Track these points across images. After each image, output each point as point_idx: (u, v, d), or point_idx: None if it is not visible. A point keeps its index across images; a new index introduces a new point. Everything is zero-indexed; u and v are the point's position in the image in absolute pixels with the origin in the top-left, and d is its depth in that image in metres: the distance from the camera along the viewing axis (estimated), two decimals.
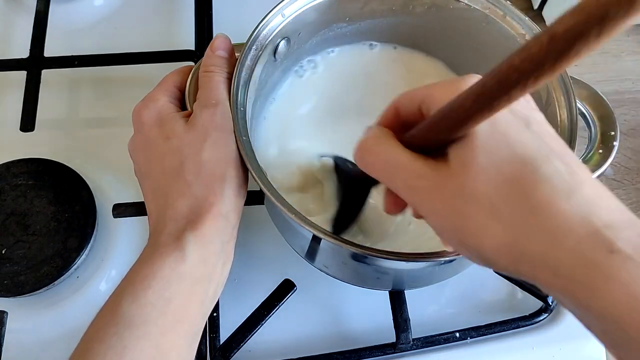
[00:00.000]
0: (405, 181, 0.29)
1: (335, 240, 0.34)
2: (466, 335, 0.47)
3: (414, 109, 0.30)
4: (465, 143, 0.27)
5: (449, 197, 0.27)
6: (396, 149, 0.29)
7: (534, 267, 0.26)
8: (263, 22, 0.40)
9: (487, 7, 0.42)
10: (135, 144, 0.39)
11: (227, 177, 0.36)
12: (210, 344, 0.45)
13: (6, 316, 0.44)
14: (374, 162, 0.30)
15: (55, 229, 0.47)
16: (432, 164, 0.28)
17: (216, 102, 0.37)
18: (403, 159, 0.29)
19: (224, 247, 0.36)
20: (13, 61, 0.54)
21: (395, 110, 0.31)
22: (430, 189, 0.28)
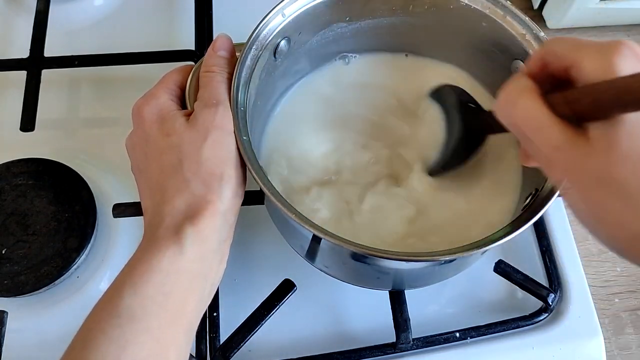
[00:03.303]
0: (541, 147, 0.28)
1: (336, 240, 0.34)
2: (466, 335, 0.47)
3: (561, 68, 0.29)
4: (611, 125, 0.26)
5: (586, 179, 0.27)
6: (539, 107, 0.28)
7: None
8: (263, 22, 0.40)
9: (487, 7, 0.42)
10: (134, 140, 0.39)
11: (226, 177, 0.36)
12: (210, 344, 0.45)
13: (6, 316, 0.44)
14: (514, 116, 0.30)
15: (55, 229, 0.47)
16: (573, 136, 0.27)
17: (217, 102, 0.37)
18: (545, 121, 0.28)
19: (220, 245, 0.36)
20: (13, 61, 0.54)
21: (542, 61, 0.30)
22: (566, 164, 0.27)
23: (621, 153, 0.25)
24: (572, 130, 0.27)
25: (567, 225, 0.52)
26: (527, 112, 0.29)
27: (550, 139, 0.27)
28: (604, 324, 0.50)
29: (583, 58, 0.27)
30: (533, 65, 0.31)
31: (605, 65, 0.26)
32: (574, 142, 0.27)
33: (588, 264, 0.52)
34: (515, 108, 0.29)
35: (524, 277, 0.48)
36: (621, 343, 0.57)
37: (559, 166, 0.28)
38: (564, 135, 0.27)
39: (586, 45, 0.28)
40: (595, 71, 0.26)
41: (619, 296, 0.58)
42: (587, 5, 0.64)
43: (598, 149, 0.26)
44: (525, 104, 0.29)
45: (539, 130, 0.28)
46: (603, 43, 0.27)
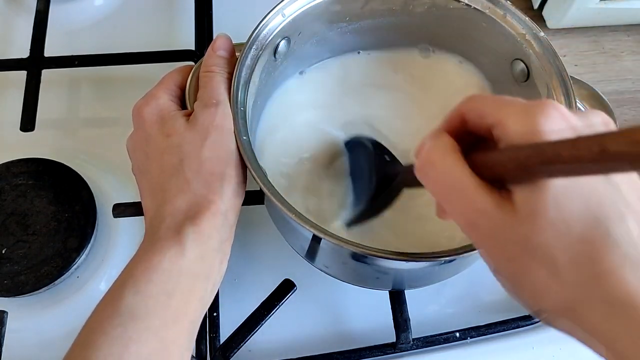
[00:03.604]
0: (464, 212, 0.27)
1: (336, 240, 0.34)
2: (466, 335, 0.47)
3: (483, 127, 0.27)
4: (537, 189, 0.24)
5: (510, 246, 0.26)
6: (462, 170, 0.27)
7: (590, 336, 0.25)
8: (263, 22, 0.40)
9: (487, 7, 0.42)
10: (134, 141, 0.39)
11: (227, 176, 0.36)
12: (210, 344, 0.45)
13: (6, 316, 0.44)
14: (435, 178, 0.28)
15: (55, 229, 0.47)
16: (497, 199, 0.26)
17: (217, 102, 0.37)
18: (468, 184, 0.26)
19: (221, 245, 0.36)
20: (13, 61, 0.54)
21: (461, 118, 0.29)
22: (491, 230, 0.26)
23: (547, 220, 0.24)
24: (496, 194, 0.26)
25: None
26: (449, 174, 0.27)
27: (474, 203, 0.26)
28: None
29: (507, 117, 0.26)
30: (452, 121, 0.29)
31: (531, 126, 0.25)
32: (498, 207, 0.26)
33: None
34: (435, 170, 0.28)
35: None
36: None
37: (482, 231, 0.27)
38: (488, 199, 0.26)
39: (511, 104, 0.26)
40: (520, 132, 0.25)
41: None
42: (587, 5, 0.64)
43: (523, 215, 0.25)
44: (446, 166, 0.27)
45: (462, 194, 0.27)
46: (528, 103, 0.26)
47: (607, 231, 0.24)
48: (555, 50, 0.40)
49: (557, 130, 0.24)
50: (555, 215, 0.24)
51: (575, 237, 0.24)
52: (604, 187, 0.24)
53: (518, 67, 0.42)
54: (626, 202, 0.24)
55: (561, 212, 0.24)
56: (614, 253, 0.24)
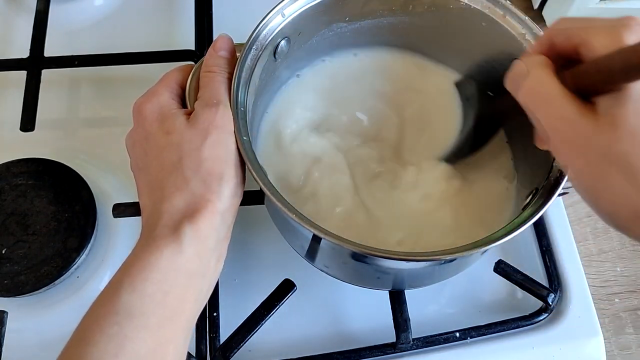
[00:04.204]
0: (550, 117, 0.28)
1: (336, 240, 0.34)
2: (466, 335, 0.47)
3: (570, 47, 0.29)
4: (619, 99, 0.26)
5: (592, 154, 0.27)
6: (551, 80, 0.29)
7: None
8: (263, 22, 0.40)
9: (487, 7, 0.42)
10: (134, 138, 0.39)
11: (226, 176, 0.36)
12: (210, 344, 0.45)
13: (6, 316, 0.44)
14: (524, 86, 0.30)
15: (55, 229, 0.47)
16: (581, 109, 0.27)
17: (217, 102, 0.37)
18: (555, 93, 0.28)
19: (218, 245, 0.36)
20: (13, 61, 0.54)
21: (550, 41, 0.30)
22: (573, 137, 0.27)
23: (627, 130, 0.25)
24: (581, 103, 0.28)
25: (567, 225, 0.52)
26: (538, 83, 0.29)
27: (559, 111, 0.28)
28: (604, 324, 0.50)
29: (592, 35, 0.27)
30: (541, 44, 0.31)
31: (615, 40, 0.26)
32: (582, 115, 0.27)
33: (588, 264, 0.52)
34: (527, 79, 0.30)
35: (524, 277, 0.48)
36: (621, 343, 0.57)
37: (565, 138, 0.28)
38: (573, 107, 0.27)
39: (595, 23, 0.28)
40: (605, 47, 0.26)
41: (619, 296, 0.58)
42: (587, 5, 0.64)
43: (605, 124, 0.26)
44: (536, 76, 0.29)
45: (549, 102, 0.28)
46: (612, 20, 0.28)
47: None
48: None
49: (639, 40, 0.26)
50: (636, 125, 0.25)
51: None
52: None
53: None
54: None
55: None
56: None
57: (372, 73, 0.49)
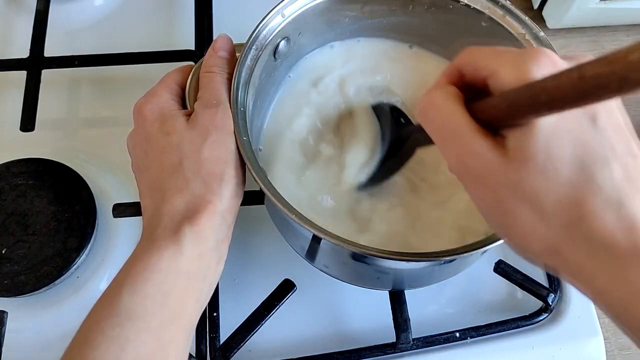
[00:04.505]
0: (458, 152, 0.28)
1: (336, 240, 0.34)
2: (466, 335, 0.47)
3: (479, 78, 0.29)
4: (528, 134, 0.25)
5: (501, 189, 0.27)
6: (461, 113, 0.28)
7: (573, 274, 0.26)
8: (263, 22, 0.40)
9: (487, 7, 0.42)
10: (134, 139, 0.39)
11: (226, 177, 0.36)
12: (210, 344, 0.45)
13: (6, 316, 0.44)
14: (434, 119, 0.29)
15: (55, 229, 0.47)
16: (490, 143, 0.27)
17: (217, 102, 0.37)
18: (464, 127, 0.28)
19: (218, 245, 0.36)
20: (13, 61, 0.54)
21: (459, 72, 0.30)
22: (483, 173, 0.27)
23: (536, 165, 0.25)
24: (490, 138, 0.27)
25: None
26: (448, 115, 0.28)
27: (469, 145, 0.27)
28: (604, 324, 0.50)
29: (500, 67, 0.27)
30: (450, 75, 0.30)
31: (522, 73, 0.26)
32: (491, 150, 0.27)
33: None
34: (436, 111, 0.29)
35: (524, 277, 0.48)
36: (621, 343, 0.57)
37: (474, 173, 0.28)
38: (482, 142, 0.27)
39: (503, 54, 0.28)
40: (512, 79, 0.26)
41: None
42: (587, 5, 0.64)
43: (515, 158, 0.26)
44: (445, 107, 0.29)
45: (458, 136, 0.28)
46: (520, 51, 0.27)
47: (592, 176, 0.25)
48: (555, 50, 0.40)
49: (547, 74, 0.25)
50: (544, 159, 0.25)
51: (562, 182, 0.25)
52: (590, 133, 0.25)
53: None
54: (611, 146, 0.25)
55: (550, 156, 0.25)
56: (595, 196, 0.25)
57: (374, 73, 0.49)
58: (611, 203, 0.25)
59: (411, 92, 0.48)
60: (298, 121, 0.46)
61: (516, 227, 0.27)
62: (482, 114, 0.28)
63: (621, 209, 0.25)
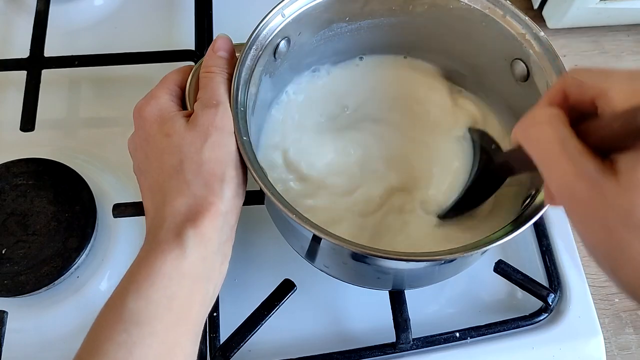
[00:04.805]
0: (562, 174, 0.26)
1: (336, 240, 0.34)
2: (466, 335, 0.47)
3: (586, 99, 0.27)
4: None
5: (609, 218, 0.24)
6: (566, 132, 0.26)
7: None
8: (263, 22, 0.40)
9: (487, 7, 0.42)
10: (135, 141, 0.39)
11: (227, 178, 0.36)
12: (210, 344, 0.45)
13: (6, 316, 0.44)
14: (537, 138, 0.27)
15: (55, 229, 0.47)
16: (599, 167, 0.25)
17: (217, 103, 0.37)
18: (571, 146, 0.25)
19: (221, 246, 0.36)
20: (13, 61, 0.54)
21: (563, 93, 0.28)
22: (590, 199, 0.25)
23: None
24: (599, 161, 0.25)
25: (567, 226, 0.52)
26: (553, 135, 0.26)
27: (575, 166, 0.25)
28: (604, 324, 0.50)
29: (611, 86, 0.25)
30: (553, 96, 0.29)
31: (635, 92, 0.24)
32: (600, 173, 0.25)
33: (588, 264, 0.52)
34: (540, 131, 0.27)
35: (524, 277, 0.48)
36: (621, 343, 0.57)
37: (580, 199, 0.25)
38: (590, 164, 0.25)
39: (614, 74, 0.26)
40: (624, 99, 0.24)
41: (618, 296, 0.58)
42: (587, 5, 0.64)
43: (627, 184, 0.24)
44: (550, 127, 0.27)
45: (563, 156, 0.26)
46: (633, 71, 0.26)
47: None
48: (555, 50, 0.40)
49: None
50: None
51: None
52: None
53: (518, 67, 0.42)
54: None
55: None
56: None
57: (374, 80, 0.49)
58: None
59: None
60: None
61: (627, 261, 0.24)
62: (589, 136, 0.26)
63: None
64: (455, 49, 0.47)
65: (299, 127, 0.47)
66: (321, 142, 0.46)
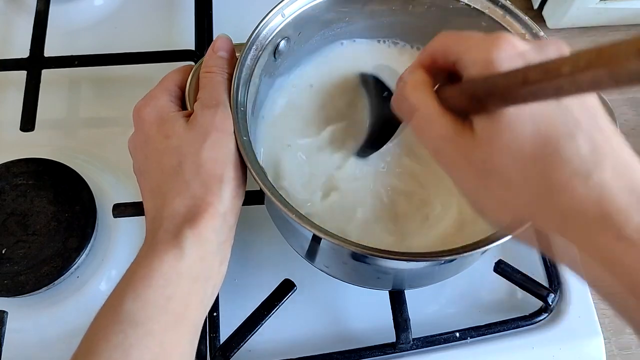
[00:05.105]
0: (431, 138, 0.30)
1: (336, 240, 0.34)
2: (466, 335, 0.47)
3: (449, 63, 0.30)
4: (493, 116, 0.27)
5: (471, 169, 0.29)
6: (429, 100, 0.30)
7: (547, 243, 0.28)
8: (263, 22, 0.40)
9: (486, 7, 0.42)
10: (135, 142, 0.39)
11: (226, 178, 0.36)
12: (210, 344, 0.45)
13: (6, 316, 0.44)
14: (406, 110, 0.31)
15: (55, 229, 0.47)
16: (458, 128, 0.29)
17: (217, 103, 0.37)
18: (434, 114, 0.30)
19: (220, 247, 0.36)
20: (13, 61, 0.54)
21: (431, 57, 0.31)
22: (454, 155, 0.29)
23: (502, 144, 0.27)
24: (459, 122, 0.29)
25: None
26: (418, 105, 0.30)
27: (438, 129, 0.29)
28: (604, 324, 0.50)
29: (465, 51, 0.29)
30: (423, 59, 0.32)
31: (485, 59, 0.27)
32: (459, 134, 0.29)
33: None
34: (407, 103, 0.31)
35: (524, 277, 0.48)
36: (621, 343, 0.57)
37: (446, 155, 0.30)
38: (451, 127, 0.29)
39: (469, 39, 0.29)
40: (475, 66, 0.28)
41: None
42: (587, 5, 0.64)
43: (481, 140, 0.28)
44: (416, 97, 0.31)
45: (429, 122, 0.30)
46: (484, 36, 0.29)
47: (556, 150, 0.26)
48: None
49: (509, 62, 0.27)
50: (509, 138, 0.27)
51: (528, 156, 0.27)
52: (554, 110, 0.27)
53: None
54: (576, 121, 0.27)
55: (515, 135, 0.27)
56: (562, 168, 0.26)
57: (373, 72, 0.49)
58: (578, 174, 0.26)
59: None
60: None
61: (489, 201, 0.29)
62: (451, 99, 0.30)
63: (589, 180, 0.26)
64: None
65: (298, 127, 0.47)
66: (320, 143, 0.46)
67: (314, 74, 0.49)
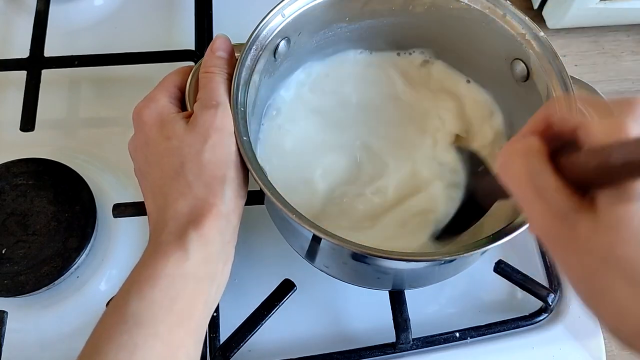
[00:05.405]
0: (541, 213, 0.25)
1: (336, 240, 0.34)
2: (466, 335, 0.47)
3: (568, 129, 0.26)
4: (621, 195, 0.23)
5: (589, 256, 0.23)
6: (545, 169, 0.25)
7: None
8: (263, 22, 0.40)
9: (487, 7, 0.42)
10: (135, 144, 0.39)
11: (228, 178, 0.36)
12: (210, 344, 0.45)
13: (6, 316, 0.44)
14: (515, 175, 0.27)
15: (55, 229, 0.47)
16: (578, 205, 0.24)
17: (217, 103, 0.37)
18: (548, 184, 0.25)
19: (224, 247, 0.36)
20: (13, 61, 0.54)
21: (546, 121, 0.27)
22: (569, 238, 0.24)
23: (631, 232, 0.22)
24: (579, 198, 0.24)
25: None
26: (531, 172, 0.26)
27: (553, 204, 0.24)
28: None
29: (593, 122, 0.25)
30: (537, 124, 0.28)
31: (615, 128, 0.23)
32: (579, 212, 0.24)
33: None
34: (517, 166, 0.26)
35: (524, 277, 0.48)
36: None
37: (560, 237, 0.25)
38: (569, 202, 0.24)
39: (595, 104, 0.26)
40: (603, 134, 0.24)
41: None
42: (587, 5, 0.64)
43: (606, 222, 0.23)
44: (528, 163, 0.26)
45: (541, 194, 0.25)
46: (613, 101, 0.25)
47: None
48: (555, 50, 0.40)
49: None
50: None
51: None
52: None
53: (518, 67, 0.42)
54: None
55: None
56: None
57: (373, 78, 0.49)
58: None
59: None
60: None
61: (608, 302, 0.24)
62: (569, 170, 0.25)
63: None
64: (455, 49, 0.47)
65: (298, 126, 0.47)
66: (320, 141, 0.46)
67: (315, 73, 0.49)
